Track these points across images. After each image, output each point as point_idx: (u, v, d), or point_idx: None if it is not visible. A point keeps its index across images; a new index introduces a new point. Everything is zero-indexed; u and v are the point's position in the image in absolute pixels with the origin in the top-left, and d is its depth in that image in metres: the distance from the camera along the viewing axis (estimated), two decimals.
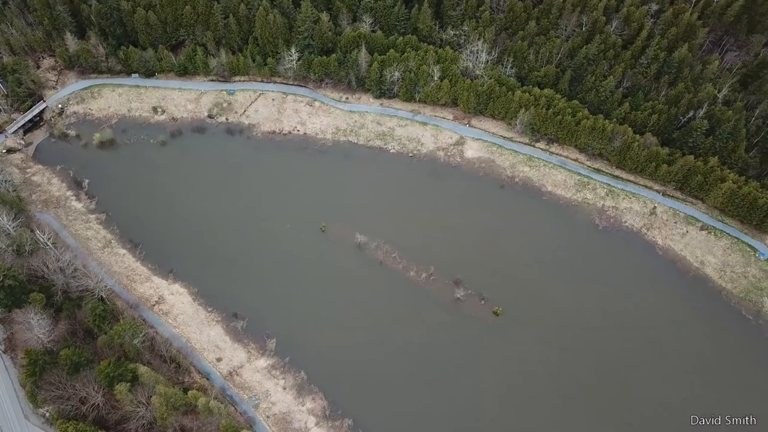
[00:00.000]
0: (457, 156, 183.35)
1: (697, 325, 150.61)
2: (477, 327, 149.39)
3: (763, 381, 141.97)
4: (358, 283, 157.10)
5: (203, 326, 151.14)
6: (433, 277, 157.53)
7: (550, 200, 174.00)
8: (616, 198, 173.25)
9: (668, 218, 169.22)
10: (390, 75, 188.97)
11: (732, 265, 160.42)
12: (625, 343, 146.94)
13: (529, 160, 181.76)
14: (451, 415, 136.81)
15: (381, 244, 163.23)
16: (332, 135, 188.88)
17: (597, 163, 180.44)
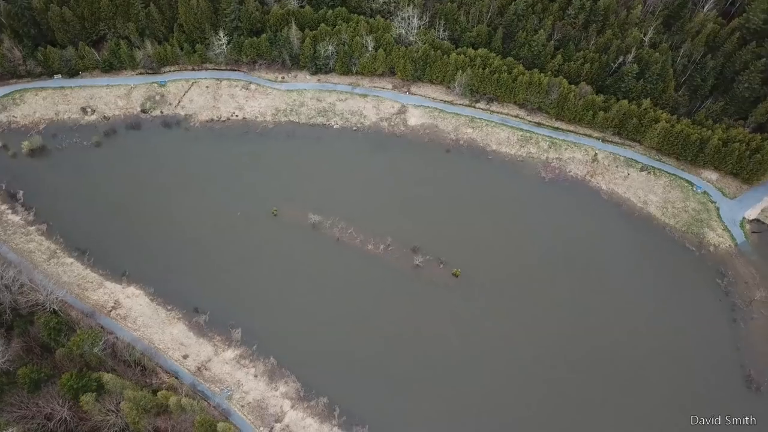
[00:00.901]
0: (401, 125, 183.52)
1: (645, 262, 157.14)
2: (438, 291, 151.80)
3: (708, 305, 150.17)
4: (317, 263, 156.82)
5: (165, 325, 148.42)
6: (391, 248, 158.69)
7: (496, 159, 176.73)
8: (559, 149, 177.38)
9: (609, 163, 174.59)
10: (324, 50, 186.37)
11: (672, 202, 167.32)
12: (581, 287, 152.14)
13: (471, 121, 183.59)
14: (423, 379, 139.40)
15: (336, 221, 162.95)
16: (272, 117, 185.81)
17: (537, 117, 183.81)
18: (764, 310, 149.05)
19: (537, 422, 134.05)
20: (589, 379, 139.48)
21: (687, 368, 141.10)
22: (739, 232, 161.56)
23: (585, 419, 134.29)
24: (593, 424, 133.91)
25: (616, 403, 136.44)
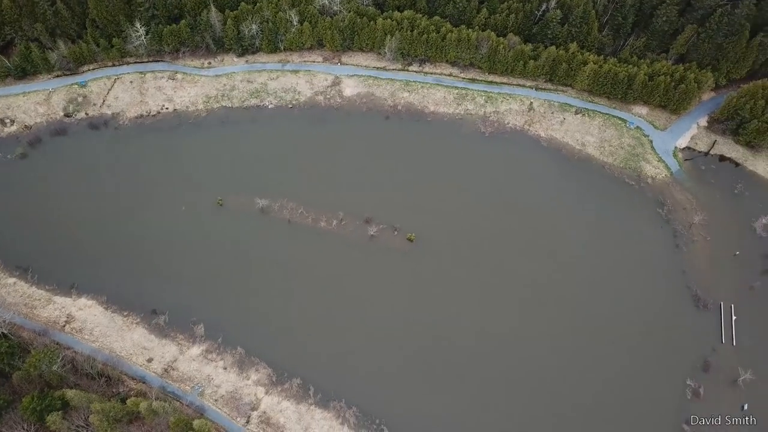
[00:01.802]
0: (337, 97, 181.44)
1: (590, 200, 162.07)
2: (395, 257, 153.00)
3: (652, 234, 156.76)
4: (271, 247, 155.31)
5: (123, 332, 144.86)
6: (344, 222, 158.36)
7: (435, 120, 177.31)
8: (495, 103, 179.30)
9: (545, 110, 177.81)
10: (248, 29, 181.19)
11: (609, 140, 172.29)
12: (533, 232, 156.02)
13: (406, 85, 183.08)
14: (390, 345, 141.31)
15: (284, 203, 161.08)
16: (204, 104, 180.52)
17: (470, 73, 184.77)
18: (703, 232, 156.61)
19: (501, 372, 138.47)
20: (551, 318, 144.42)
21: (639, 295, 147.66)
22: (673, 161, 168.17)
23: (548, 357, 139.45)
24: (558, 361, 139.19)
25: (576, 339, 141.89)
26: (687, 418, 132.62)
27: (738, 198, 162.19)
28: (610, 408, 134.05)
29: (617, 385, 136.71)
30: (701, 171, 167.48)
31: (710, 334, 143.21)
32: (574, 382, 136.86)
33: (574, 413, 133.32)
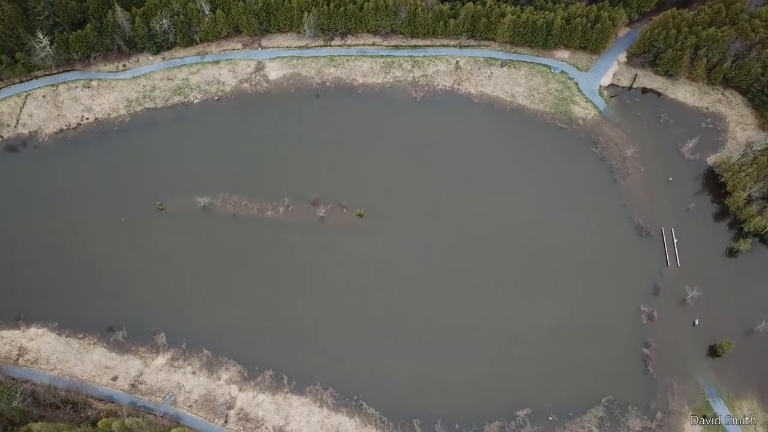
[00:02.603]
0: (263, 82, 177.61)
1: (527, 149, 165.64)
2: (348, 235, 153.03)
3: (590, 173, 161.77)
4: (219, 243, 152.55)
5: (82, 355, 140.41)
6: (291, 207, 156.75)
7: (365, 91, 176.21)
8: (422, 66, 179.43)
9: (472, 67, 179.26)
10: (159, 25, 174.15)
11: (537, 88, 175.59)
12: (477, 189, 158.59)
13: (331, 60, 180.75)
14: (353, 319, 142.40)
15: (227, 197, 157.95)
16: (126, 109, 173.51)
17: (393, 40, 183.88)
18: (637, 164, 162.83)
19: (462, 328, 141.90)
20: (507, 264, 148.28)
21: (585, 231, 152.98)
22: (600, 100, 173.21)
23: (507, 302, 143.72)
24: (517, 305, 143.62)
25: (531, 279, 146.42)
26: (645, 342, 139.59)
27: (664, 126, 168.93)
28: (572, 342, 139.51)
29: (576, 319, 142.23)
30: (627, 105, 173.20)
31: (656, 259, 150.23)
32: (535, 323, 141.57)
33: (538, 352, 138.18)
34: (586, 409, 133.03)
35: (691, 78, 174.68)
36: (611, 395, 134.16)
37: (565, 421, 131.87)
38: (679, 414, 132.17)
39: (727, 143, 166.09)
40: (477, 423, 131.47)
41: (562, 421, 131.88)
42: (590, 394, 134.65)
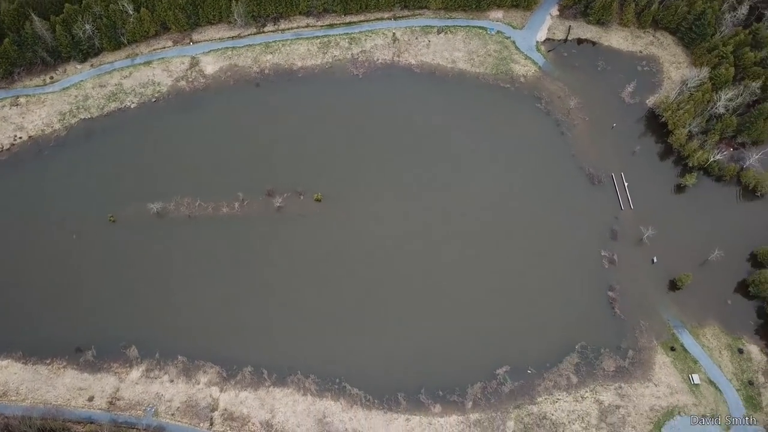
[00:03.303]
0: (199, 77, 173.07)
1: (475, 112, 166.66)
2: (308, 221, 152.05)
3: (538, 128, 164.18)
4: (179, 247, 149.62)
5: (53, 380, 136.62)
6: (246, 202, 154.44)
7: (306, 74, 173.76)
8: (360, 42, 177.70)
9: (409, 38, 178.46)
10: (82, 31, 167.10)
11: (475, 51, 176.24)
12: (431, 155, 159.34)
13: (267, 47, 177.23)
14: (322, 305, 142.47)
15: (179, 200, 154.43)
16: (61, 123, 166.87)
17: (327, 19, 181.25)
18: (581, 114, 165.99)
19: (433, 296, 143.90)
20: (471, 228, 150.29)
21: (540, 185, 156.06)
22: (538, 56, 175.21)
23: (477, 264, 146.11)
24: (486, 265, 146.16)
25: (494, 238, 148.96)
26: (609, 285, 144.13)
27: (602, 74, 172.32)
28: (541, 296, 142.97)
29: (541, 273, 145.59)
30: (565, 58, 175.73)
31: (610, 204, 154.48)
32: (502, 282, 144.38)
33: (509, 310, 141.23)
34: (562, 358, 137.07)
35: (622, 24, 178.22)
36: (584, 341, 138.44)
37: (543, 372, 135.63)
38: (649, 349, 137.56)
39: (663, 83, 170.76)
40: (459, 387, 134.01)
41: (540, 372, 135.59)
42: (564, 343, 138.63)
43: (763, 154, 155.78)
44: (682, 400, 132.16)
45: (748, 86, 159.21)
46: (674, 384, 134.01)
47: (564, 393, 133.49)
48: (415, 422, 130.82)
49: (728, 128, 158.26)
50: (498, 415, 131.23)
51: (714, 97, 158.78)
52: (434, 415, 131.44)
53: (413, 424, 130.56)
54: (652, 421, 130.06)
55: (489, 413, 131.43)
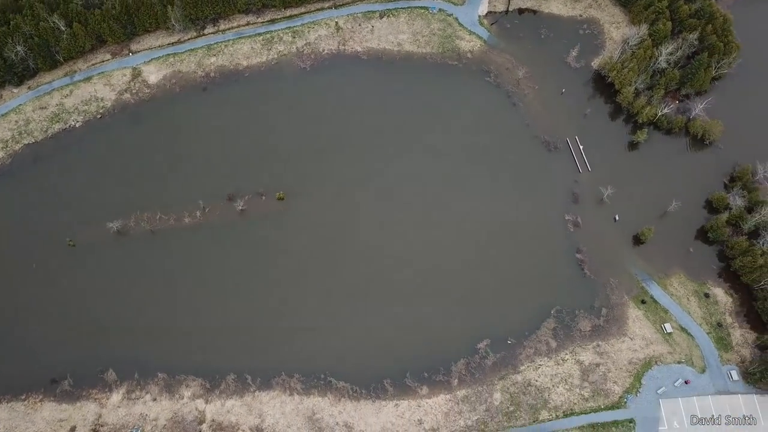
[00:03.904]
0: (144, 88, 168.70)
1: (426, 92, 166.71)
2: (273, 220, 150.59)
3: (490, 102, 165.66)
4: (144, 262, 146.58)
5: (30, 416, 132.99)
6: (208, 209, 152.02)
7: (253, 73, 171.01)
8: (303, 35, 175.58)
9: (352, 25, 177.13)
10: (13, 53, 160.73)
11: (420, 32, 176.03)
12: (387, 141, 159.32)
13: (209, 50, 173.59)
14: (296, 303, 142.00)
15: (138, 216, 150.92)
16: (4, 151, 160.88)
17: (267, 15, 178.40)
18: (530, 83, 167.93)
19: (407, 279, 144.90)
20: (438, 206, 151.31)
21: (498, 156, 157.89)
22: (482, 30, 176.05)
23: (448, 245, 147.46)
24: (457, 243, 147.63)
25: (462, 215, 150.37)
26: (577, 248, 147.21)
27: (546, 41, 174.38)
28: (512, 266, 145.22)
29: (509, 243, 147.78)
30: (508, 29, 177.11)
31: (568, 169, 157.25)
32: (473, 257, 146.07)
33: (484, 284, 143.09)
34: (539, 324, 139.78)
35: None
36: (558, 305, 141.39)
37: (523, 341, 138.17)
38: (621, 305, 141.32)
39: (605, 44, 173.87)
40: (444, 366, 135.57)
41: (520, 341, 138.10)
42: (539, 310, 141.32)
43: (707, 104, 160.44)
44: (658, 350, 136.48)
45: (686, 39, 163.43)
46: (649, 335, 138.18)
47: (545, 358, 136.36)
48: (404, 407, 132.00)
49: (672, 82, 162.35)
50: (484, 388, 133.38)
51: (655, 52, 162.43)
52: (422, 397, 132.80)
53: (402, 409, 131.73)
54: (632, 373, 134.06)
55: (475, 388, 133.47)
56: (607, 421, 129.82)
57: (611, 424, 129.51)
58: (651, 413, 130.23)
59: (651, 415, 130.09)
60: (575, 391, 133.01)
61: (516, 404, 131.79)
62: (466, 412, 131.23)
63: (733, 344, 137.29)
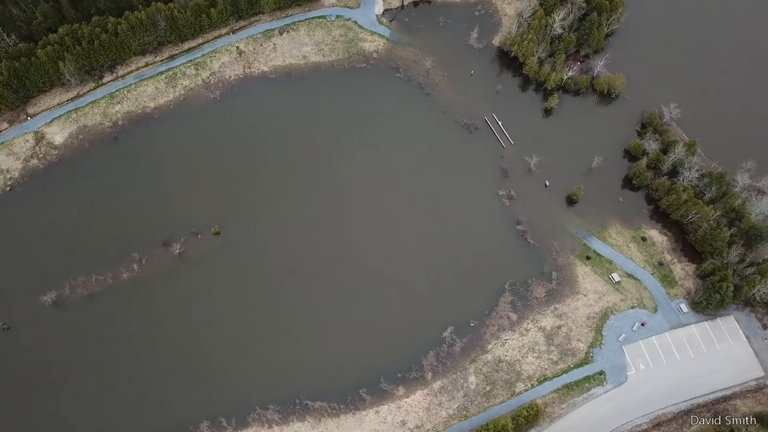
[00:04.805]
0: (51, 150, 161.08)
1: (342, 100, 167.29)
2: (213, 257, 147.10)
3: (404, 95, 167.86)
4: (87, 330, 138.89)
5: None
6: (146, 259, 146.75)
7: (162, 114, 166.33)
8: (206, 66, 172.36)
9: (254, 47, 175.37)
10: None
11: (322, 41, 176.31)
12: (314, 157, 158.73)
13: (112, 98, 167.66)
14: (253, 334, 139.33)
15: (73, 283, 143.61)
16: None
17: (165, 52, 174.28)
18: (439, 71, 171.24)
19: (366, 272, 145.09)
20: (373, 206, 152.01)
21: (427, 149, 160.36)
22: (382, 28, 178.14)
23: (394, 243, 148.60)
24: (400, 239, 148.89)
25: (400, 214, 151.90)
26: (516, 220, 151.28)
27: (446, 28, 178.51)
28: (459, 251, 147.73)
29: (452, 229, 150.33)
30: (407, 23, 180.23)
31: (492, 146, 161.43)
32: (421, 250, 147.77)
33: (436, 274, 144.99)
34: (497, 300, 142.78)
35: None
36: (511, 278, 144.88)
37: (485, 320, 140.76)
38: (569, 266, 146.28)
39: (502, 21, 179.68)
40: (414, 362, 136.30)
41: (482, 321, 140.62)
42: (494, 286, 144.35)
43: (606, 60, 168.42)
44: (611, 300, 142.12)
45: (574, 2, 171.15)
46: (600, 288, 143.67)
47: (509, 332, 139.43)
48: (384, 411, 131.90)
49: (570, 45, 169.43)
50: (458, 375, 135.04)
51: (549, 20, 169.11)
52: (400, 398, 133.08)
53: (384, 414, 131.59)
54: (592, 328, 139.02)
55: (449, 377, 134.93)
56: (579, 378, 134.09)
57: (584, 381, 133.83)
58: (617, 361, 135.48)
59: (618, 362, 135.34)
60: (544, 357, 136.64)
61: (491, 383, 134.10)
62: (446, 402, 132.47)
63: (677, 279, 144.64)
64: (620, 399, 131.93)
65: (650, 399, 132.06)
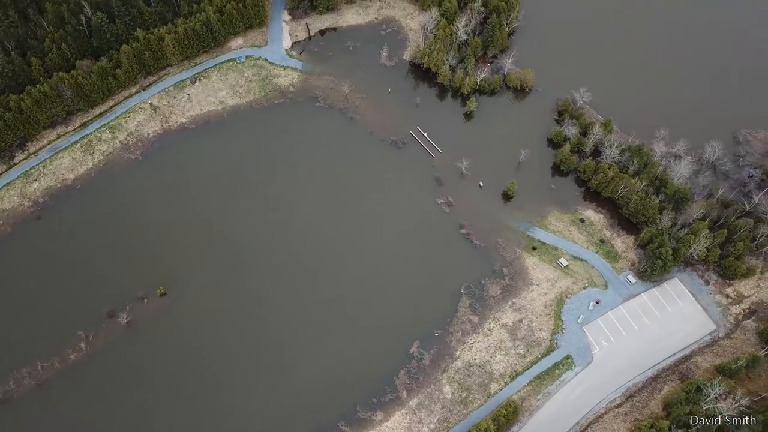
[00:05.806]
0: None
1: (264, 140, 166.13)
2: (163, 318, 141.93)
3: (326, 124, 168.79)
4: (40, 423, 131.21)
5: None
6: (92, 337, 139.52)
7: (84, 184, 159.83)
8: (122, 127, 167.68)
9: (168, 101, 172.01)
10: None
11: (236, 84, 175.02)
12: (246, 205, 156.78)
13: (27, 177, 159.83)
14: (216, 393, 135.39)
15: (18, 374, 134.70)
16: None
17: (76, 121, 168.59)
18: (357, 94, 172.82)
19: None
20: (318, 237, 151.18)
21: (358, 172, 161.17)
22: (294, 62, 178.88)
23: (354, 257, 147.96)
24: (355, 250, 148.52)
25: (346, 239, 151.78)
26: (459, 224, 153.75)
27: (355, 52, 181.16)
28: (410, 265, 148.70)
29: (399, 243, 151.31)
30: (317, 52, 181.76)
31: (423, 157, 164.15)
32: (372, 268, 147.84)
33: (392, 294, 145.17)
34: (456, 306, 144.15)
35: (348, 1, 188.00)
36: (465, 282, 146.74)
37: (448, 327, 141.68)
38: (517, 260, 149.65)
39: (409, 36, 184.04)
40: (387, 384, 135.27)
41: (446, 329, 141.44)
42: (450, 293, 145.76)
43: (513, 57, 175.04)
44: (564, 285, 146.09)
45: (473, 8, 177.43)
46: (551, 276, 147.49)
47: (474, 335, 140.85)
48: None
49: (477, 49, 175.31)
50: (432, 387, 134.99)
51: (453, 29, 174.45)
52: (380, 422, 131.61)
53: None
54: (551, 315, 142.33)
55: (424, 391, 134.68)
56: (549, 367, 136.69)
57: (553, 368, 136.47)
58: (581, 343, 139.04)
59: (581, 344, 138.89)
60: (511, 352, 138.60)
61: (466, 389, 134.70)
62: (426, 417, 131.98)
63: (620, 253, 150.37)
64: (590, 379, 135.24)
65: (618, 372, 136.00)
